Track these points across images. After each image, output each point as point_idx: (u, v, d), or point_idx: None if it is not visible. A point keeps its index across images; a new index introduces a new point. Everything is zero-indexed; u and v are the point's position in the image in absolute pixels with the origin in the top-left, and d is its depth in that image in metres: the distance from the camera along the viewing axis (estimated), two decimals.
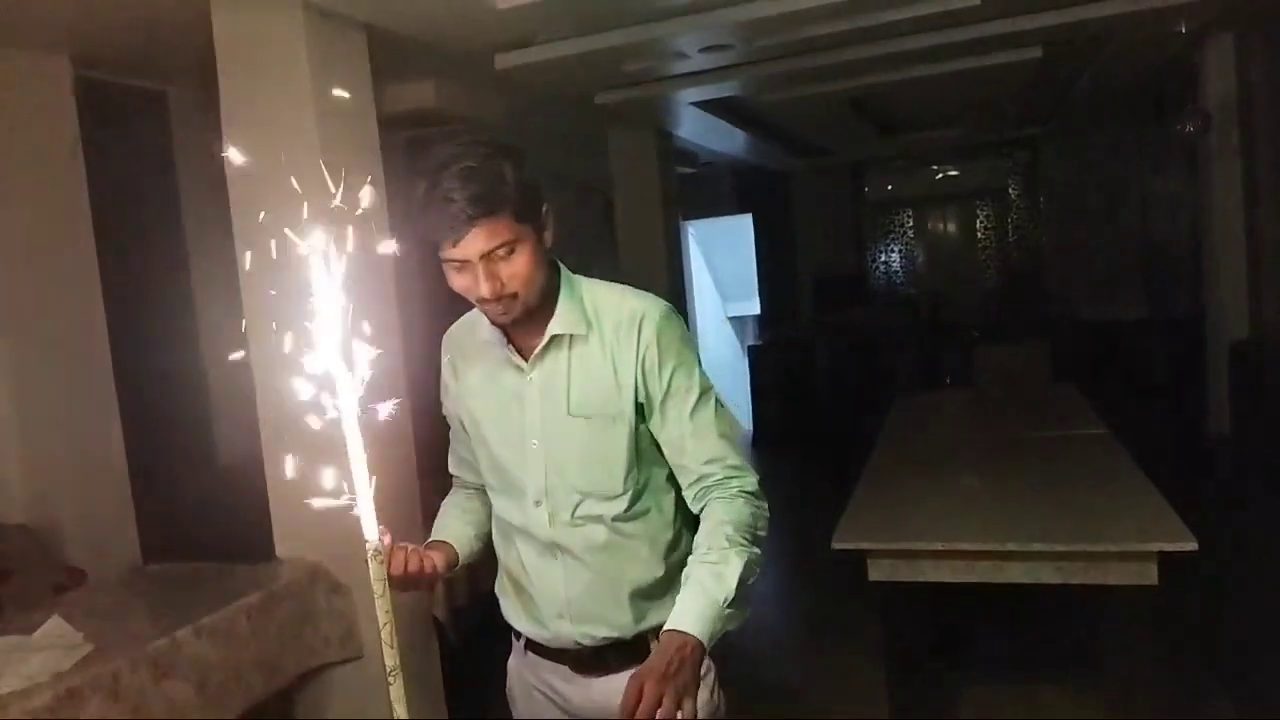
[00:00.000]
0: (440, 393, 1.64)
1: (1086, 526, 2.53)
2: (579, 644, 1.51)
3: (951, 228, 9.80)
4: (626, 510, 1.47)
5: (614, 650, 1.50)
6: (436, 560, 1.50)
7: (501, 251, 1.31)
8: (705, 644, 1.30)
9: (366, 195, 1.04)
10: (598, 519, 1.46)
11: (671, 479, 1.52)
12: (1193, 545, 2.30)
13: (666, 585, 1.48)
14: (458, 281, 1.36)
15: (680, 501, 1.53)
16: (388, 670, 0.97)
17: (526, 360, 1.47)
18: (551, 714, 1.61)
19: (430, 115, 4.34)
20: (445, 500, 1.71)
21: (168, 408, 3.87)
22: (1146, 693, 2.57)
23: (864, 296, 9.67)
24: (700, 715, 1.47)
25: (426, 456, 3.38)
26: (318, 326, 0.97)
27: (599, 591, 1.49)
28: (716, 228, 9.35)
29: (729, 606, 1.34)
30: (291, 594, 2.62)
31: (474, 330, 1.53)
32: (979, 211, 9.58)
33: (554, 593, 1.51)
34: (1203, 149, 5.88)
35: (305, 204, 1.02)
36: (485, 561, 3.81)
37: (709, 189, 9.33)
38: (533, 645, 1.59)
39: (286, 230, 0.99)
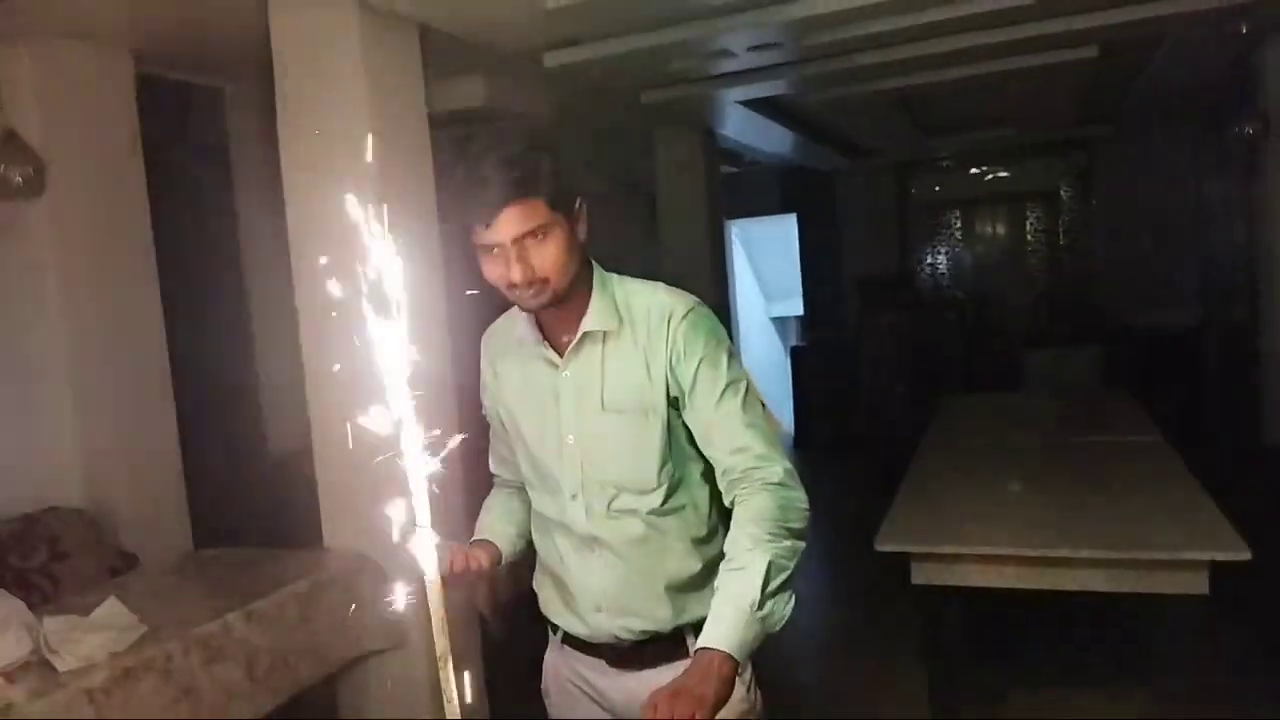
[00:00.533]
0: (480, 392, 1.67)
1: (1137, 533, 2.50)
2: (617, 638, 1.53)
3: (1000, 230, 9.66)
4: (662, 504, 1.49)
5: (652, 645, 1.52)
6: (482, 558, 1.55)
7: (534, 236, 1.34)
8: (737, 654, 1.29)
9: (417, 190, 1.04)
10: (633, 513, 1.49)
11: (708, 474, 1.53)
12: (1246, 555, 2.25)
13: (704, 579, 1.50)
14: (490, 270, 1.39)
15: (716, 495, 1.54)
16: (439, 655, 0.98)
17: (561, 356, 1.50)
18: (587, 709, 1.62)
19: (480, 113, 4.37)
20: (486, 500, 1.75)
21: (220, 398, 3.95)
22: (1190, 703, 2.53)
23: (909, 299, 9.57)
24: (735, 714, 1.47)
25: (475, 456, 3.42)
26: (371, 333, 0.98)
27: (636, 585, 1.50)
28: (761, 228, 9.33)
29: (760, 608, 1.32)
30: (339, 582, 2.66)
31: (511, 328, 1.56)
32: (1029, 214, 9.43)
33: (591, 586, 1.53)
34: (1260, 153, 5.75)
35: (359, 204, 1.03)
36: (528, 558, 3.85)
37: (754, 188, 9.30)
38: (570, 639, 1.61)
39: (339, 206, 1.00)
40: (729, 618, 1.32)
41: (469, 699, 1.02)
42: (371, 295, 0.99)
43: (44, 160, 2.90)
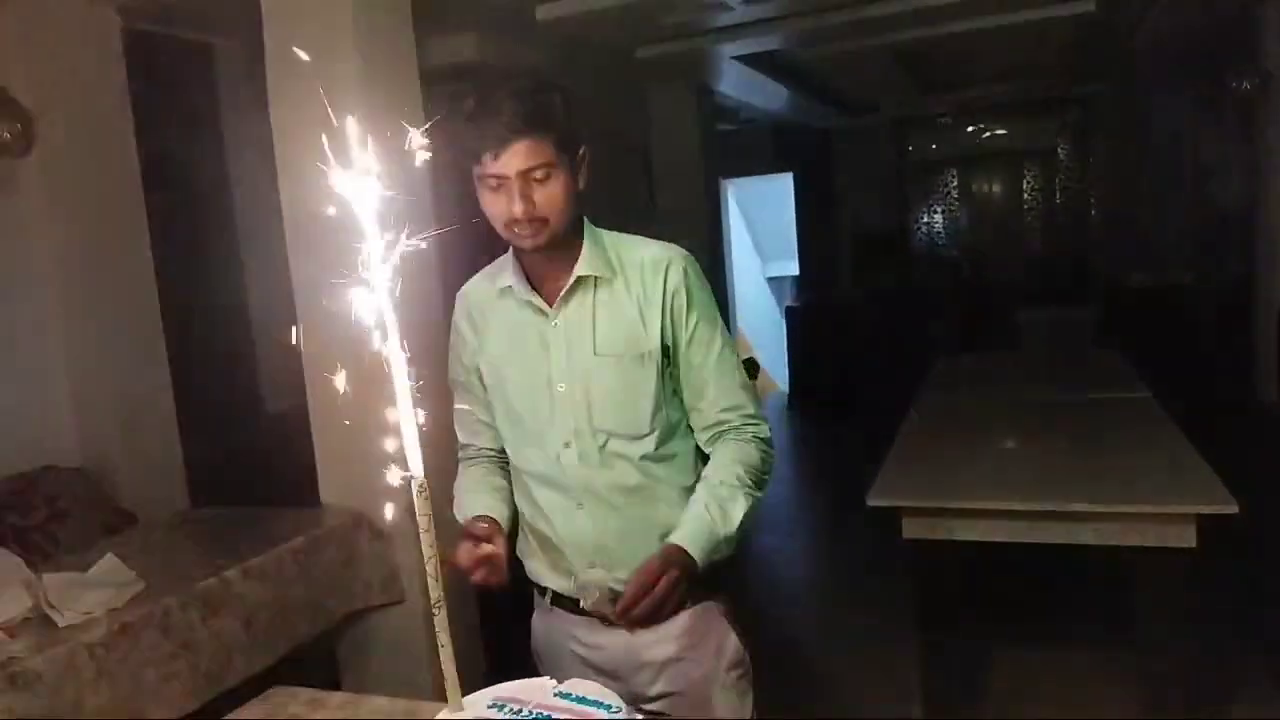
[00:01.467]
0: (450, 355, 1.65)
1: (1125, 488, 2.51)
2: (613, 591, 1.51)
3: (997, 188, 9.63)
4: (655, 450, 1.50)
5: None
6: (498, 542, 1.49)
7: (539, 173, 1.34)
8: (698, 568, 1.39)
9: (408, 144, 1.04)
10: (626, 459, 1.49)
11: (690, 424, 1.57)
12: (1233, 508, 2.27)
13: None
14: (491, 204, 1.38)
15: (697, 446, 1.57)
16: (432, 602, 0.99)
17: (550, 306, 1.49)
18: (580, 671, 1.58)
19: (471, 68, 4.33)
20: (462, 478, 1.69)
21: (215, 356, 3.95)
22: (1182, 659, 2.57)
23: (905, 258, 9.56)
24: (729, 671, 1.54)
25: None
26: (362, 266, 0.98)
27: (631, 536, 1.50)
28: (756, 186, 9.28)
29: (728, 540, 1.43)
30: (335, 538, 2.68)
31: (494, 279, 1.55)
32: (1026, 172, 9.39)
33: (584, 542, 1.53)
34: (1259, 108, 5.71)
35: (348, 151, 1.02)
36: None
37: (749, 147, 9.24)
38: (559, 600, 1.60)
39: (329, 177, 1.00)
40: (705, 532, 1.42)
41: (463, 647, 1.03)
42: (364, 251, 0.99)
43: (32, 116, 2.87)
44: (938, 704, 2.78)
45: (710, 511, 1.43)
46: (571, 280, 1.46)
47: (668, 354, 1.49)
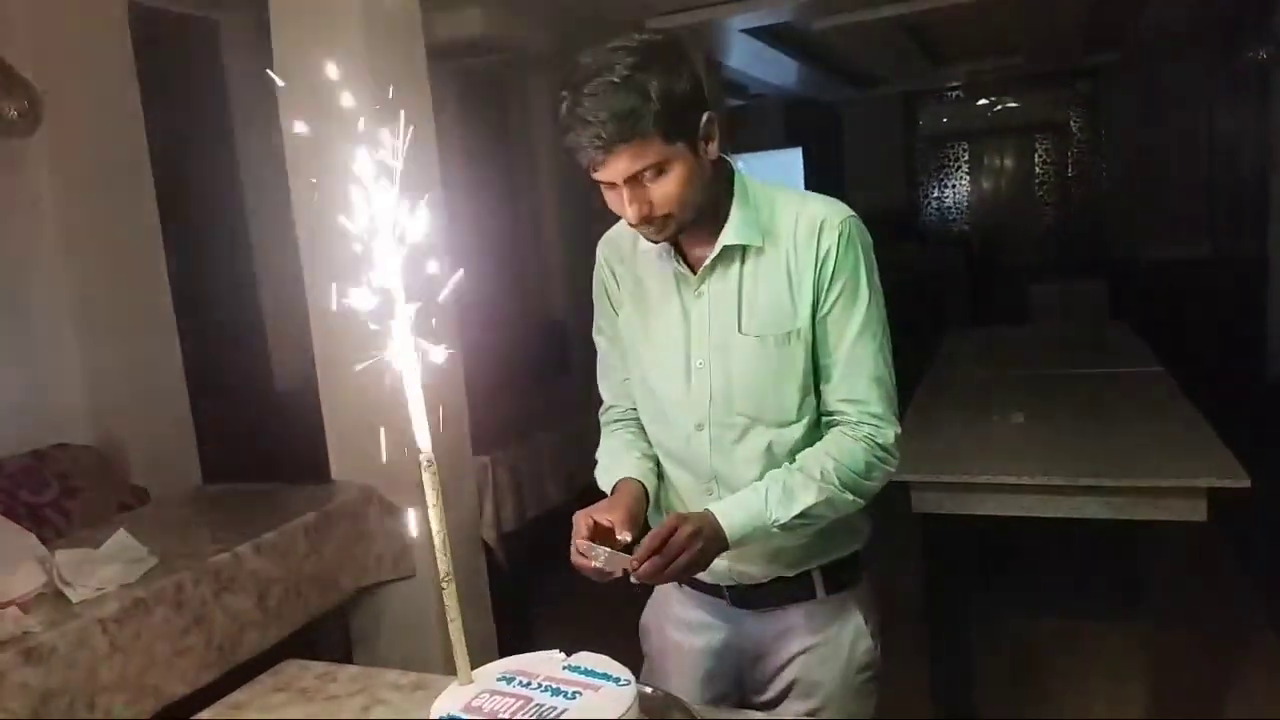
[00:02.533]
0: (596, 305, 1.52)
1: (1136, 461, 2.50)
2: (737, 581, 1.43)
3: (1008, 162, 9.55)
4: (801, 436, 1.35)
5: (777, 585, 1.41)
6: (625, 523, 1.28)
7: (649, 174, 1.21)
8: (727, 545, 1.26)
9: (415, 117, 1.02)
10: (767, 447, 1.35)
11: None
12: (1245, 482, 2.26)
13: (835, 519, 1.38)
14: (609, 200, 1.27)
15: None
16: (441, 577, 0.99)
17: (694, 272, 1.36)
18: (689, 650, 1.50)
19: (478, 43, 4.31)
20: (605, 443, 1.53)
21: (225, 332, 3.97)
22: (1192, 631, 2.56)
23: (916, 232, 9.50)
24: (860, 663, 1.44)
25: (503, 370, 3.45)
26: (369, 240, 0.98)
27: None
28: (766, 162, 9.22)
29: (774, 528, 1.28)
30: (346, 514, 2.69)
31: (637, 238, 1.39)
32: (1038, 145, 9.32)
33: None
34: (1274, 79, 5.64)
35: (357, 121, 1.02)
36: (532, 489, 3.87)
37: (759, 122, 9.18)
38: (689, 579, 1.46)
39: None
40: (753, 517, 1.27)
41: (474, 622, 1.04)
42: (372, 225, 0.99)
43: (39, 94, 2.86)
44: (948, 676, 2.78)
45: (768, 493, 1.29)
46: (716, 251, 1.32)
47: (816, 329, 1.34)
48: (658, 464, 1.47)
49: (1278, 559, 3.63)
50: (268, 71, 1.47)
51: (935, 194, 9.73)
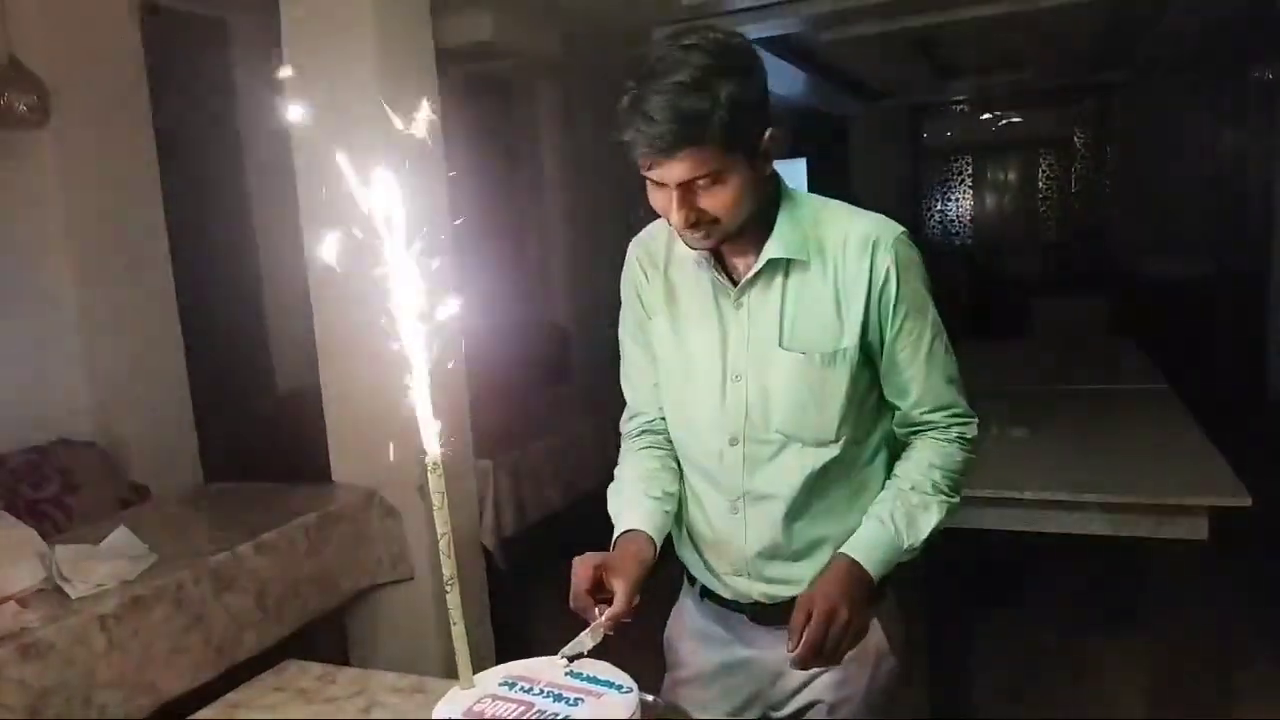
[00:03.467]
0: (624, 308, 1.46)
1: (1138, 478, 2.50)
2: (758, 602, 1.39)
3: (1012, 177, 9.56)
4: (838, 456, 1.32)
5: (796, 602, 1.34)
6: (625, 589, 1.20)
7: (703, 181, 1.16)
8: (873, 584, 1.25)
9: (423, 121, 1.02)
10: (803, 467, 1.31)
11: (886, 426, 1.38)
12: (1247, 501, 2.25)
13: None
14: (655, 198, 1.22)
15: (888, 451, 1.39)
16: (445, 579, 0.99)
17: (734, 283, 1.31)
18: (714, 661, 1.47)
19: (487, 49, 4.32)
20: (624, 465, 1.45)
21: (229, 332, 3.97)
22: (1193, 649, 2.55)
23: (919, 245, 9.46)
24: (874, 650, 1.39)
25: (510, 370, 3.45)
26: (376, 242, 0.97)
27: (788, 551, 1.35)
28: None
29: (907, 553, 1.27)
30: (347, 516, 2.69)
31: (673, 241, 1.35)
32: (1042, 161, 9.32)
33: (735, 548, 1.37)
34: None
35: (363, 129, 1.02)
36: (531, 492, 3.85)
37: None
38: (708, 594, 1.45)
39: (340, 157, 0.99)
40: (886, 543, 1.26)
41: (474, 626, 1.03)
42: (378, 227, 0.98)
43: (49, 88, 2.87)
44: (947, 690, 2.78)
45: (895, 521, 1.27)
46: (761, 263, 1.27)
47: (867, 349, 1.30)
48: (677, 497, 1.41)
49: (1278, 577, 3.62)
50: (277, 74, 1.46)
51: (939, 207, 9.73)
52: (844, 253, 1.27)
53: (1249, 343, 6.41)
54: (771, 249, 1.27)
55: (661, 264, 1.39)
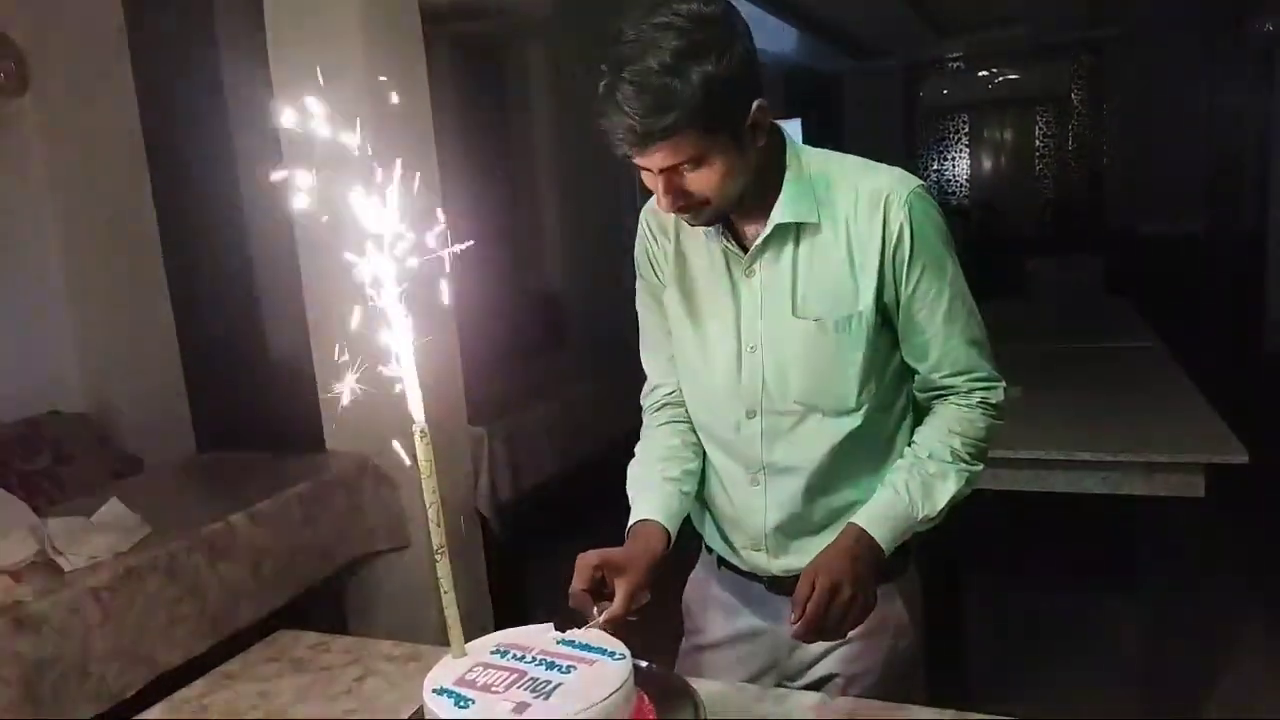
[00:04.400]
0: (638, 272, 1.42)
1: (1134, 437, 2.50)
2: (773, 576, 1.37)
3: (1009, 136, 9.50)
4: (860, 425, 1.27)
5: None
6: (626, 591, 1.17)
7: (686, 165, 1.12)
8: (886, 550, 1.22)
9: (409, 84, 0.99)
10: (823, 438, 1.28)
11: (903, 386, 1.33)
12: (1244, 458, 2.25)
13: None
14: (645, 178, 1.18)
15: (914, 418, 1.35)
16: (435, 548, 0.98)
17: (745, 252, 1.26)
18: (732, 628, 1.45)
19: (473, 8, 4.24)
20: (644, 442, 1.42)
21: (218, 301, 3.94)
22: (1188, 606, 2.57)
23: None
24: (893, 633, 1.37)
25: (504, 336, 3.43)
26: (361, 205, 0.95)
27: (809, 524, 1.33)
28: None
29: (921, 524, 1.24)
30: (341, 484, 2.69)
31: None
32: (1039, 118, 9.26)
33: (754, 521, 1.34)
34: (1278, 54, 5.59)
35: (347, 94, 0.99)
36: (525, 460, 3.84)
37: None
38: (725, 564, 1.43)
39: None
40: (899, 514, 1.23)
41: (469, 594, 1.02)
42: (364, 194, 0.96)
43: (26, 54, 2.82)
44: (943, 651, 2.79)
45: (909, 491, 1.23)
46: (769, 229, 1.23)
47: (884, 311, 1.25)
48: (698, 474, 1.39)
49: (1275, 533, 3.64)
50: (262, 39, 1.43)
51: (935, 166, 9.67)
52: (855, 211, 1.22)
53: (1244, 300, 6.40)
54: (778, 214, 1.22)
55: (672, 232, 1.34)
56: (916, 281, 1.23)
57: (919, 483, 1.24)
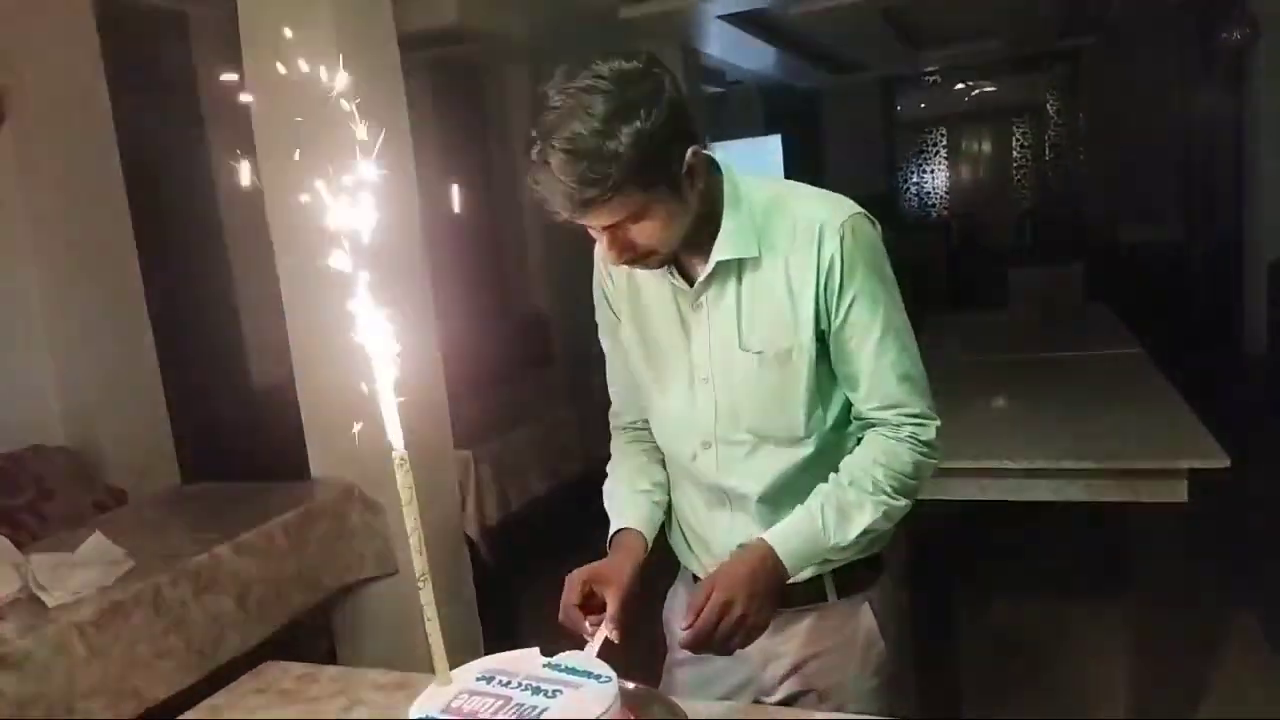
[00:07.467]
0: (596, 307, 1.45)
1: (1116, 444, 2.51)
2: None
3: (986, 147, 9.60)
4: (813, 452, 1.29)
5: (788, 589, 1.28)
6: (617, 595, 1.22)
7: (627, 221, 1.13)
8: (790, 572, 1.21)
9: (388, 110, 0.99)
10: (778, 465, 1.29)
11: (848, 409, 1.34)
12: (1225, 462, 2.26)
13: None
14: (591, 233, 1.21)
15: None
16: (417, 575, 0.98)
17: (691, 286, 1.27)
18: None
19: (452, 32, 4.27)
20: (615, 463, 1.47)
21: (200, 331, 3.92)
22: (1173, 610, 2.57)
23: (894, 217, 9.52)
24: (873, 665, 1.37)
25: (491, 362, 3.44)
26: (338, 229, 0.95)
27: None
28: (744, 149, 9.21)
29: (835, 551, 1.24)
30: (327, 512, 2.67)
31: None
32: (1015, 129, 9.36)
33: (718, 543, 1.36)
34: (1249, 59, 5.67)
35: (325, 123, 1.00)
36: (512, 482, 3.83)
37: (736, 109, 9.15)
38: (699, 579, 1.42)
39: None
40: (809, 538, 1.22)
41: (459, 620, 1.02)
42: (346, 221, 0.96)
43: (2, 87, 2.82)
44: (931, 659, 2.79)
45: (824, 515, 1.23)
46: (710, 267, 1.24)
47: (824, 340, 1.25)
48: (667, 485, 1.43)
49: (1257, 537, 3.66)
50: (238, 62, 1.43)
51: (914, 179, 9.75)
52: (793, 243, 1.23)
53: (1223, 306, 6.46)
54: (719, 251, 1.23)
55: (625, 268, 1.33)
56: (847, 311, 1.23)
57: (835, 508, 1.24)
